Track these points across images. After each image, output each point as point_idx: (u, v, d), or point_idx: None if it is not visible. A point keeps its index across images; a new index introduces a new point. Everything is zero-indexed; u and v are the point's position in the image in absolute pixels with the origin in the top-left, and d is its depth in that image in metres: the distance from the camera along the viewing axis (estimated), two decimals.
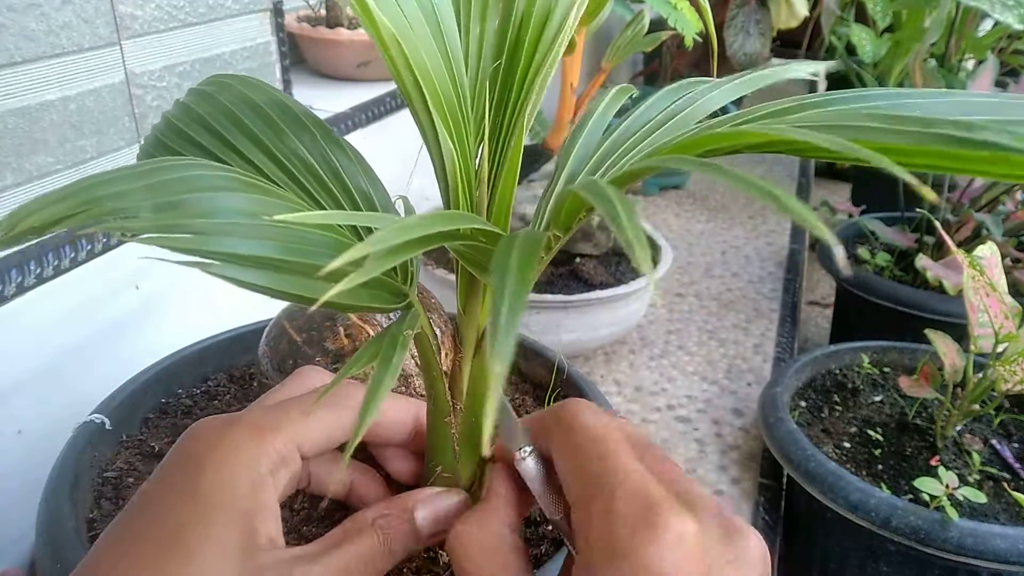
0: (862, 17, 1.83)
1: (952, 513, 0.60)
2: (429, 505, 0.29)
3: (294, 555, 0.26)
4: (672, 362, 0.98)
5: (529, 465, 0.27)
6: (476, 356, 0.30)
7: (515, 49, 0.29)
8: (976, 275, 0.68)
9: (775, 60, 2.71)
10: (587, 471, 0.23)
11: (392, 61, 0.25)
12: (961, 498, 0.63)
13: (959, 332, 0.73)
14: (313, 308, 0.22)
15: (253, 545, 0.25)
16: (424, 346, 0.29)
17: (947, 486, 0.62)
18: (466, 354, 0.30)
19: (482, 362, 0.29)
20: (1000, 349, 0.67)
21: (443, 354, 0.37)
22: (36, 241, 0.57)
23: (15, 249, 0.55)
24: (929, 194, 0.16)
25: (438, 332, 0.38)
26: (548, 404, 0.48)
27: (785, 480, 0.78)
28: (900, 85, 1.74)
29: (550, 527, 0.36)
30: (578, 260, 0.89)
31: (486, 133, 0.29)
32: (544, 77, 0.28)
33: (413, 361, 0.39)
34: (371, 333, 0.40)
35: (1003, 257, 0.84)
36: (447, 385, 0.30)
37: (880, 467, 0.70)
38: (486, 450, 0.30)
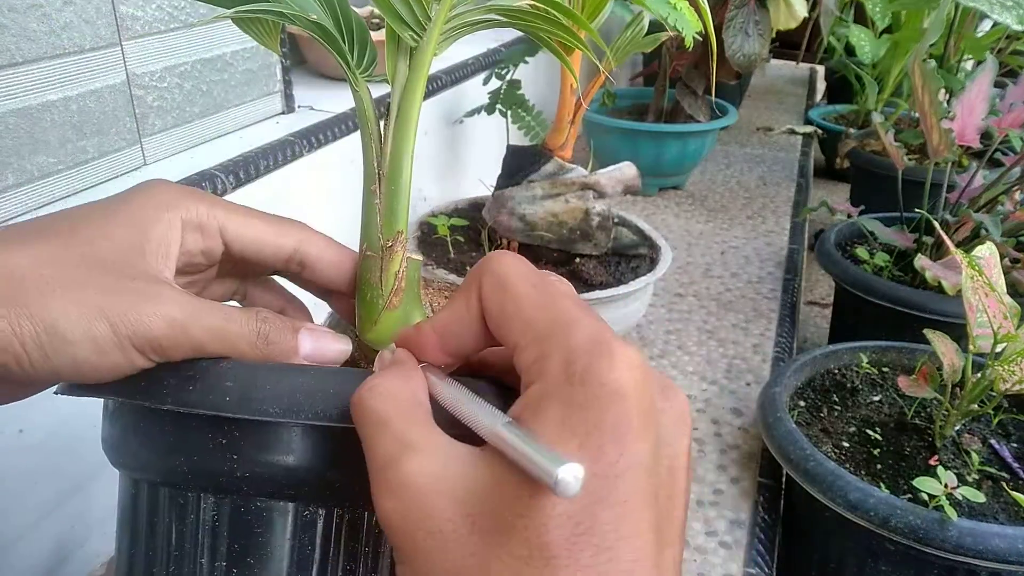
0: (861, 18, 1.84)
1: (951, 513, 0.60)
2: (314, 332, 0.30)
3: (176, 287, 0.27)
4: (672, 362, 0.98)
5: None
6: (397, 120, 0.32)
7: None
8: (975, 275, 0.69)
9: (774, 61, 2.72)
10: (535, 317, 0.24)
11: None
12: (960, 498, 0.63)
13: (958, 332, 0.73)
14: None
15: (141, 247, 0.27)
16: (365, 109, 0.32)
17: (946, 486, 0.63)
18: (390, 121, 0.32)
19: (400, 127, 0.31)
20: (999, 349, 0.67)
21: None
22: None
23: None
24: None
25: None
26: None
27: (784, 480, 0.78)
28: (899, 86, 1.75)
29: None
30: (578, 260, 0.89)
31: None
32: None
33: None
34: None
35: (1002, 257, 0.84)
36: (376, 150, 0.32)
37: (879, 467, 0.71)
38: (402, 224, 0.32)
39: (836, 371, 0.85)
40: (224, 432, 0.26)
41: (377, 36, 0.33)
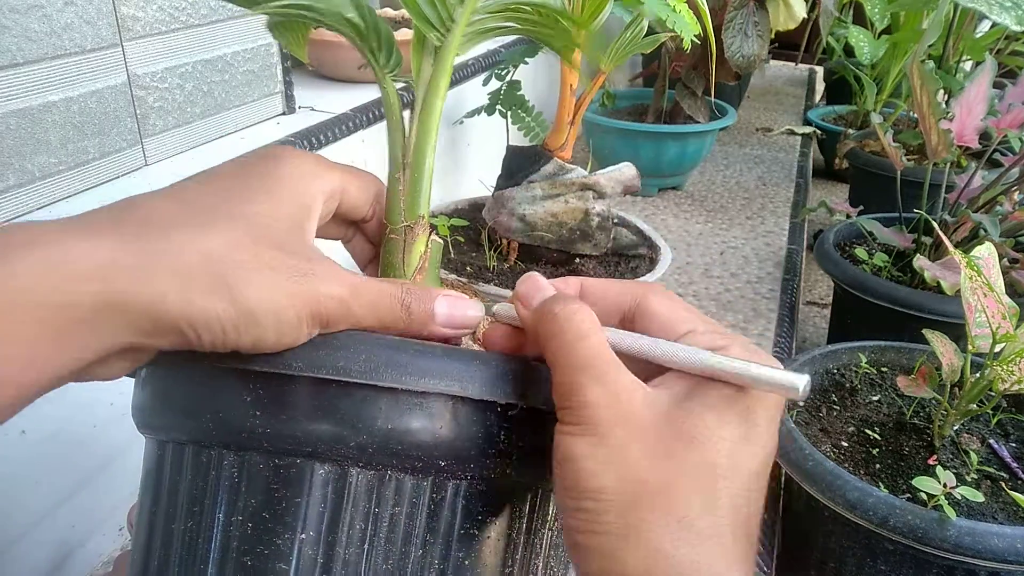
0: (860, 19, 1.84)
1: (950, 512, 0.60)
2: (449, 298, 0.33)
3: (335, 268, 0.30)
4: None
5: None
6: (421, 113, 0.35)
7: None
8: (974, 275, 0.69)
9: (773, 62, 2.72)
10: (704, 318, 0.31)
11: None
12: (959, 497, 0.63)
13: (957, 332, 0.73)
14: None
15: (302, 224, 0.30)
16: (391, 103, 0.35)
17: (945, 485, 0.63)
18: (414, 114, 0.35)
19: (423, 120, 0.35)
20: (997, 349, 0.68)
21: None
22: None
23: None
24: None
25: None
26: None
27: (783, 479, 0.79)
28: (898, 86, 1.75)
29: None
30: (578, 260, 0.89)
31: None
32: None
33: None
34: None
35: (1000, 257, 0.84)
36: (400, 141, 0.35)
37: (878, 466, 0.71)
38: (424, 209, 0.35)
39: (835, 371, 0.85)
40: (250, 389, 0.28)
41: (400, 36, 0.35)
